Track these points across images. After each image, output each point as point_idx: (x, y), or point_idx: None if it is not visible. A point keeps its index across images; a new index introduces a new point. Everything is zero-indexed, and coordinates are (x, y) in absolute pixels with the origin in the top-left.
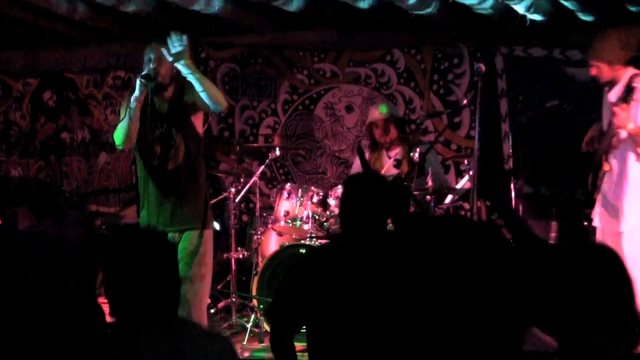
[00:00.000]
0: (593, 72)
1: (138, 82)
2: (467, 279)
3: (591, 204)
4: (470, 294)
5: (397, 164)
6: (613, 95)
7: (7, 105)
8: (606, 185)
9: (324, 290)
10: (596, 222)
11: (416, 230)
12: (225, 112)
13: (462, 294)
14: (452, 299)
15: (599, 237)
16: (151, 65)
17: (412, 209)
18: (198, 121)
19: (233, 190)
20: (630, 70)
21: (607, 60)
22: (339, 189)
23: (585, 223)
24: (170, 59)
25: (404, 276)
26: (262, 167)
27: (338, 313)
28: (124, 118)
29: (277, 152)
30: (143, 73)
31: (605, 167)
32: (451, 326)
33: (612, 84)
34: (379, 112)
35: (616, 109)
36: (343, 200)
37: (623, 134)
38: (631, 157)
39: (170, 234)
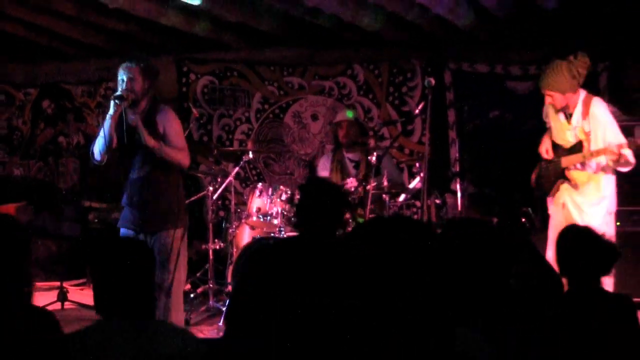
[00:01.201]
0: (547, 101)
1: (112, 102)
2: (405, 274)
3: (526, 203)
4: (406, 287)
5: (356, 165)
6: (575, 118)
7: (11, 112)
8: (564, 191)
9: (275, 285)
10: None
11: (358, 231)
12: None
13: (400, 287)
14: (391, 292)
15: (550, 229)
16: (124, 86)
17: (370, 207)
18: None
19: (211, 188)
20: (582, 92)
21: (560, 90)
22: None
23: (523, 220)
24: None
25: (346, 270)
26: (237, 168)
27: (289, 307)
28: (99, 135)
29: (251, 155)
30: (116, 94)
31: (569, 179)
32: (393, 318)
33: (566, 108)
34: (345, 114)
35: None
36: (298, 204)
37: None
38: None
39: (142, 236)
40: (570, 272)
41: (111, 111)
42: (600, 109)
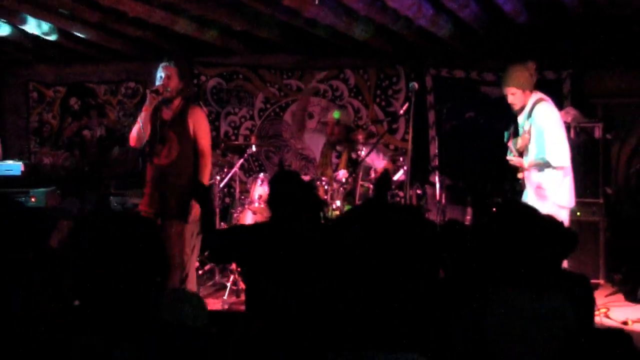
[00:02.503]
0: (509, 99)
1: (148, 94)
2: (389, 250)
3: (497, 194)
4: (389, 262)
5: (339, 155)
6: (521, 118)
7: (41, 108)
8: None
9: (256, 249)
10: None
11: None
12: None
13: (383, 264)
14: (371, 269)
15: None
16: (161, 82)
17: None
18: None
19: (218, 178)
20: (535, 95)
21: (521, 86)
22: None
23: (494, 209)
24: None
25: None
26: (241, 160)
27: (263, 271)
28: (136, 124)
29: (254, 149)
30: (153, 88)
31: (519, 175)
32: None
33: (523, 109)
34: (332, 115)
35: (509, 157)
36: (269, 194)
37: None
38: (533, 173)
39: (158, 219)
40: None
41: (147, 102)
42: (545, 114)
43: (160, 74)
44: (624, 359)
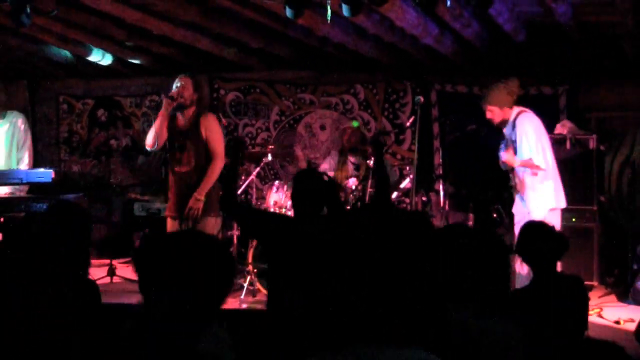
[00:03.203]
0: (488, 115)
1: (164, 99)
2: (395, 254)
3: (497, 201)
4: (395, 266)
5: (356, 167)
6: (507, 131)
7: (71, 119)
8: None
9: (280, 240)
10: (514, 210)
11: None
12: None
13: (389, 267)
14: (378, 269)
15: (515, 218)
16: (176, 89)
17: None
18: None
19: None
20: (517, 109)
21: (498, 104)
22: None
23: (494, 215)
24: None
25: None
26: (258, 168)
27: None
28: (151, 128)
29: (269, 158)
30: (169, 94)
31: (512, 181)
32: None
33: (504, 123)
34: (351, 124)
35: (502, 153)
36: (293, 189)
37: (516, 162)
38: (526, 175)
39: (183, 222)
40: (531, 260)
41: (163, 107)
42: (523, 124)
43: (177, 83)
44: None
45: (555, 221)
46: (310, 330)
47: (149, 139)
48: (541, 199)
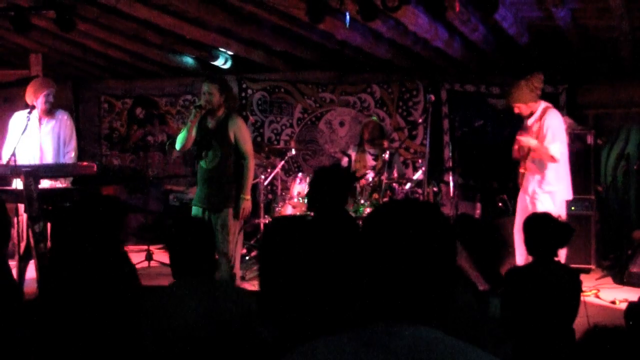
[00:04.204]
0: (516, 111)
1: (194, 109)
2: (410, 241)
3: (503, 192)
4: (409, 253)
5: (374, 158)
6: (531, 120)
7: (111, 117)
8: (523, 180)
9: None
10: (519, 203)
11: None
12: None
13: (403, 254)
14: (393, 259)
15: (517, 212)
16: (204, 98)
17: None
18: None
19: (262, 177)
20: (543, 103)
21: (522, 101)
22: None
23: (500, 204)
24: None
25: (354, 238)
26: (282, 162)
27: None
28: (182, 130)
29: (293, 152)
30: (197, 104)
31: (522, 169)
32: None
33: (531, 114)
34: (372, 118)
35: (520, 137)
36: (311, 185)
37: (532, 143)
38: (539, 162)
39: (206, 212)
40: (535, 249)
41: (192, 116)
42: (550, 117)
43: (204, 90)
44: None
45: (563, 210)
46: (334, 310)
47: (179, 144)
48: (555, 196)
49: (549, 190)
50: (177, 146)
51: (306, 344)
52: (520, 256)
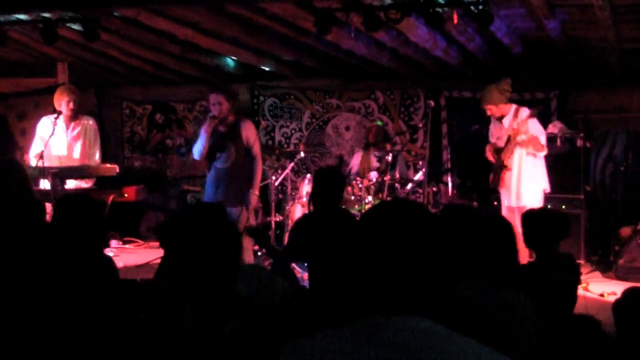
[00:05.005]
0: (488, 112)
1: (208, 119)
2: (400, 237)
3: (497, 191)
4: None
5: (379, 159)
6: (506, 122)
7: (132, 122)
8: (507, 178)
9: (309, 235)
10: (503, 201)
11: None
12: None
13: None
14: (387, 250)
15: (502, 210)
16: (215, 108)
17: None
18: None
19: (274, 177)
20: (514, 106)
21: (493, 103)
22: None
23: (495, 203)
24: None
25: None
26: (292, 163)
27: (315, 250)
28: (198, 140)
29: (302, 154)
30: (210, 114)
31: (508, 167)
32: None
33: (502, 117)
34: (376, 123)
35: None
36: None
37: (521, 138)
38: (525, 157)
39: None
40: (537, 243)
41: (206, 126)
42: (525, 113)
43: (214, 101)
44: (593, 342)
45: (542, 199)
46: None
47: (196, 153)
48: (538, 187)
49: (531, 182)
50: (196, 155)
51: (301, 339)
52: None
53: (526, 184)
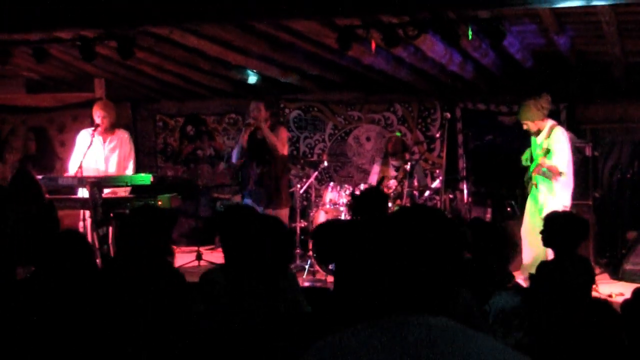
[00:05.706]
0: (524, 127)
1: (244, 126)
2: (421, 241)
3: (511, 197)
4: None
5: (396, 169)
6: (540, 138)
7: (165, 133)
8: (534, 190)
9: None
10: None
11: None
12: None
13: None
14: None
15: (526, 213)
16: (252, 115)
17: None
18: (281, 144)
19: (298, 185)
20: (550, 121)
21: (530, 119)
22: (361, 187)
23: (508, 209)
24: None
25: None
26: (316, 172)
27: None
28: (236, 145)
29: (325, 164)
30: (247, 121)
31: (534, 184)
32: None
33: (539, 132)
34: (396, 134)
35: (543, 159)
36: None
37: (547, 162)
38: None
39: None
40: (558, 244)
41: (243, 132)
42: (557, 135)
43: (252, 108)
44: (608, 322)
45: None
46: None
47: (235, 157)
48: (559, 202)
49: (557, 197)
50: (234, 159)
51: (328, 337)
52: (527, 255)
53: (552, 198)
